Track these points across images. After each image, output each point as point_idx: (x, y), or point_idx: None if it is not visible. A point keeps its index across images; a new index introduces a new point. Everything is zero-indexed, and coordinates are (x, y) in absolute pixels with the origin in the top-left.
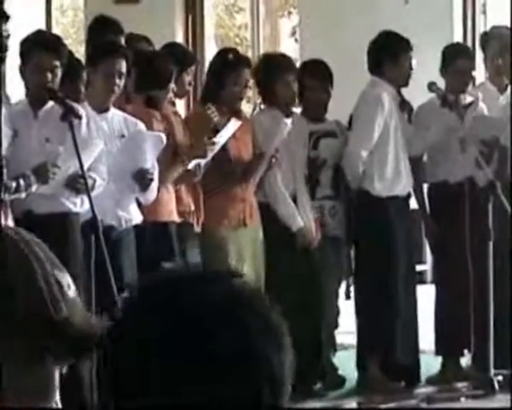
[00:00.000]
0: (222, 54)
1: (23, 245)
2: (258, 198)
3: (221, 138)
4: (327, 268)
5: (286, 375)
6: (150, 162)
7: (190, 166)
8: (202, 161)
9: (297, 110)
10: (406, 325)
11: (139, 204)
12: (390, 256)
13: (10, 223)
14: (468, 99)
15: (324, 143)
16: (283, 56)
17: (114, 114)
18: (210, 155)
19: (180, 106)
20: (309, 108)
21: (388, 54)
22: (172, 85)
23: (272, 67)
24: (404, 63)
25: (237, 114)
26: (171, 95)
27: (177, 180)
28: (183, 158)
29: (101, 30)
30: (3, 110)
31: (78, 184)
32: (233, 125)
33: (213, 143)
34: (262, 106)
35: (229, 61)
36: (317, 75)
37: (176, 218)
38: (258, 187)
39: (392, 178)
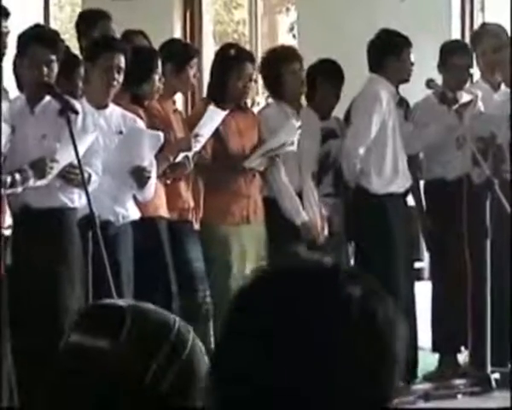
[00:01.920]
0: (224, 49)
1: None
2: (263, 193)
3: (201, 129)
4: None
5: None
6: (148, 160)
7: (179, 158)
8: (190, 154)
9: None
10: (406, 321)
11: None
12: (388, 253)
13: (7, 218)
14: (466, 97)
15: (327, 143)
16: (288, 48)
17: (113, 110)
18: (197, 147)
19: (179, 104)
20: (317, 106)
21: (389, 51)
22: (158, 77)
23: (278, 59)
24: (406, 60)
25: (243, 109)
26: (158, 86)
27: (170, 174)
28: (166, 153)
29: (90, 20)
30: (3, 106)
31: (71, 174)
32: (213, 113)
33: (196, 135)
34: (270, 100)
35: (231, 55)
36: (330, 76)
37: (165, 213)
38: (264, 182)
39: (390, 176)
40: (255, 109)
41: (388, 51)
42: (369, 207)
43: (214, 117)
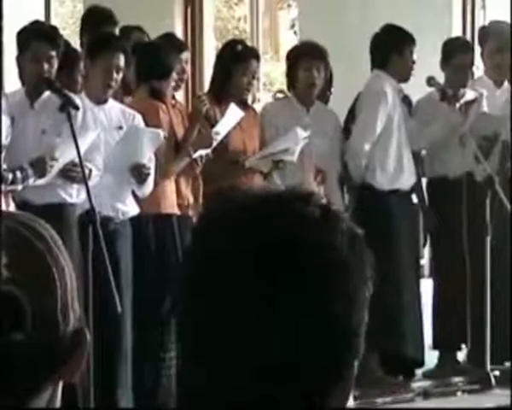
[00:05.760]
0: (230, 45)
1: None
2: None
3: (222, 128)
4: None
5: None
6: (147, 157)
7: (196, 155)
8: (204, 152)
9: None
10: (411, 318)
11: (136, 197)
12: (392, 250)
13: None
14: (470, 94)
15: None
16: (310, 45)
17: (112, 105)
18: (214, 145)
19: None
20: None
21: (394, 48)
22: (174, 76)
23: (295, 54)
24: (408, 58)
25: (244, 105)
26: (173, 84)
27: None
28: (188, 149)
29: (96, 21)
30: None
31: (73, 172)
32: (233, 112)
33: (216, 134)
34: (277, 95)
35: (237, 52)
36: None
37: (176, 210)
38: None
39: (395, 172)
40: (256, 106)
41: (392, 48)
42: (375, 204)
43: (234, 116)
